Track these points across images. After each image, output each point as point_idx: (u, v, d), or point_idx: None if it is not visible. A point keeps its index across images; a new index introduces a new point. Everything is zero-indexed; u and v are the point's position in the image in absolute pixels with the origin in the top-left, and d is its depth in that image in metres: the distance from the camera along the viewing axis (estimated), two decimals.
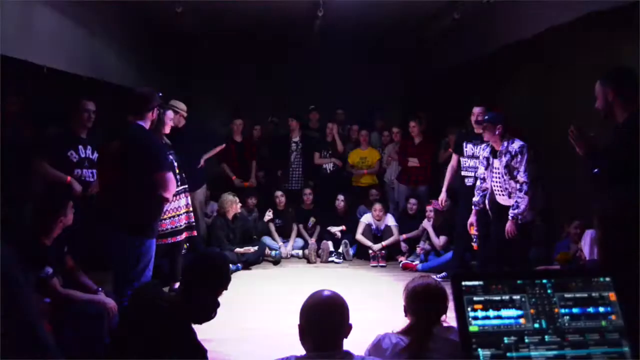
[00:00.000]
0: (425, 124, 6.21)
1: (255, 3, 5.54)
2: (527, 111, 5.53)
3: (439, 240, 5.32)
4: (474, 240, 4.27)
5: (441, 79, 7.57)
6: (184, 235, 4.19)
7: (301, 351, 1.68)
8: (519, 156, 3.77)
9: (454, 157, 4.81)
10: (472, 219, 4.28)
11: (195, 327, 3.54)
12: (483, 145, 4.30)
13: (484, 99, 4.40)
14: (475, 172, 4.36)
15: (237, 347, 3.25)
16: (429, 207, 5.39)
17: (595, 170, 2.51)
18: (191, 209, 4.32)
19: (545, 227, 4.82)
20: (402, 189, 6.33)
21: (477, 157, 4.40)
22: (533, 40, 5.19)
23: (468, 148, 4.61)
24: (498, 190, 3.98)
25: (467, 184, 4.57)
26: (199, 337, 3.32)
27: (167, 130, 3.92)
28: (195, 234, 4.39)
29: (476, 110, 4.50)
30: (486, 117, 3.97)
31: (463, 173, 4.66)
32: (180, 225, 4.16)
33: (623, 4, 3.73)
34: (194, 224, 4.34)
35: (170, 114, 4.07)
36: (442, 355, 1.79)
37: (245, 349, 3.23)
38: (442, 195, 4.90)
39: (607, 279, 1.22)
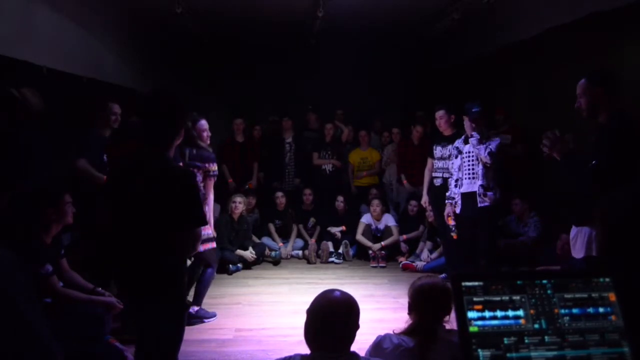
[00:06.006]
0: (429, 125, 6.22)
1: (255, 3, 5.54)
2: (527, 111, 5.53)
3: (427, 245, 5.52)
4: (453, 230, 4.39)
5: (441, 79, 7.58)
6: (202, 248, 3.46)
7: (301, 352, 1.67)
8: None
9: (429, 160, 4.96)
10: (448, 209, 4.39)
11: (196, 327, 3.56)
12: (449, 147, 4.58)
13: (484, 99, 4.42)
14: (444, 173, 4.68)
15: (237, 348, 3.25)
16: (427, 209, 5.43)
17: (594, 162, 2.51)
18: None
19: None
20: (402, 190, 6.33)
21: (446, 158, 4.67)
22: (533, 40, 5.19)
23: (437, 150, 4.79)
24: (466, 175, 4.17)
25: (436, 184, 4.80)
26: (200, 337, 3.35)
27: (208, 142, 3.63)
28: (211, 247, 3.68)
29: (438, 113, 4.68)
30: (478, 110, 4.11)
31: (433, 174, 4.84)
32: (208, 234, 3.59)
33: (623, 4, 3.73)
34: (212, 236, 3.70)
35: (204, 123, 3.67)
36: (443, 357, 1.78)
37: (245, 349, 3.23)
38: (424, 198, 5.05)
39: (607, 279, 1.22)
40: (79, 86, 4.48)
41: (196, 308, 3.68)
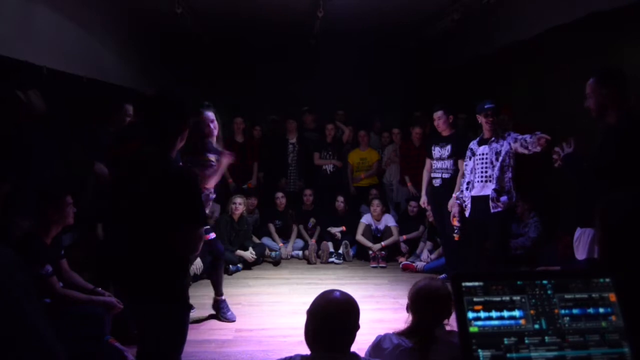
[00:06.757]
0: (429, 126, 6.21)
1: (255, 3, 5.54)
2: (527, 111, 5.53)
3: (427, 245, 5.51)
4: (456, 231, 4.34)
5: (441, 79, 7.58)
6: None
7: (301, 352, 1.67)
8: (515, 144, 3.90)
9: (427, 160, 4.95)
10: (454, 210, 4.34)
11: (196, 327, 3.56)
12: (448, 147, 4.58)
13: (484, 99, 4.41)
14: (442, 173, 4.66)
15: (237, 348, 3.25)
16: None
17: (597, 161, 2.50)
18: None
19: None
20: (402, 190, 6.33)
21: (444, 159, 4.65)
22: (533, 40, 5.19)
23: (435, 151, 4.76)
24: (478, 178, 4.07)
25: (435, 185, 4.77)
26: (200, 337, 3.35)
27: (215, 132, 3.55)
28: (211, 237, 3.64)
29: (436, 114, 4.65)
30: (492, 106, 4.02)
31: (432, 175, 4.81)
32: None
33: (623, 4, 3.73)
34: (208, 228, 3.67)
35: (211, 114, 3.57)
36: (443, 358, 1.78)
37: (245, 349, 3.23)
38: (423, 198, 5.04)
39: (607, 279, 1.22)
40: (79, 86, 4.48)
41: (223, 297, 3.77)
